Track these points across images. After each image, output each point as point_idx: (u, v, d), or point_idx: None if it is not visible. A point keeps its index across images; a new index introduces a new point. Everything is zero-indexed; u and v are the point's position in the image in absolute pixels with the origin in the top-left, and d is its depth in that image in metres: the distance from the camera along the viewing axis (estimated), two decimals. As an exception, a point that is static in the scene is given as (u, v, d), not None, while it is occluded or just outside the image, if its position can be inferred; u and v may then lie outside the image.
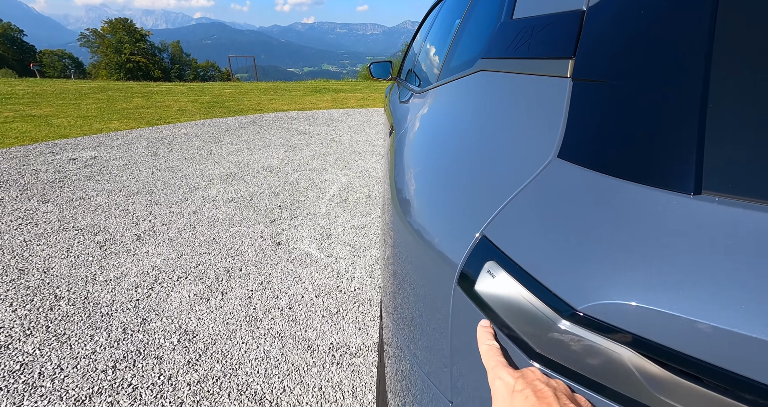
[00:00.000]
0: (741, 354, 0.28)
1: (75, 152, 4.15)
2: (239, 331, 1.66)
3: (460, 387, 0.49)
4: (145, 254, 2.24)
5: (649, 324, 0.33)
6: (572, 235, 0.39)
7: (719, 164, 0.34)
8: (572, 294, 0.36)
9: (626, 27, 0.45)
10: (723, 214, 0.33)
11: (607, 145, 0.42)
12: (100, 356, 1.49)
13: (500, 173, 0.53)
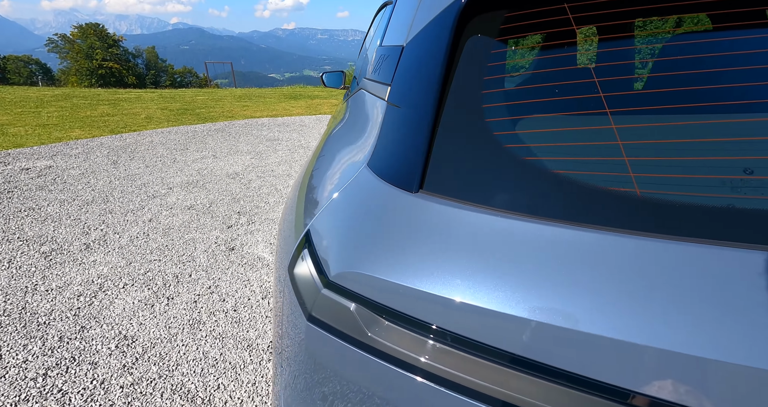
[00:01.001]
0: (425, 305, 0.39)
1: (29, 162, 4.04)
2: (181, 334, 1.69)
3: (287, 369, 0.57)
4: (92, 263, 2.23)
5: (373, 288, 0.43)
6: (347, 227, 0.50)
7: (433, 173, 0.46)
8: (332, 267, 0.46)
9: (409, 64, 0.57)
10: (431, 207, 0.44)
11: (382, 156, 0.53)
12: (32, 364, 1.49)
13: (337, 176, 0.63)
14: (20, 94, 8.76)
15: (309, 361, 0.49)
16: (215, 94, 11.14)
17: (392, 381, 0.42)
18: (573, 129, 0.45)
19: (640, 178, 0.38)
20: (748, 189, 0.36)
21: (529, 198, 0.41)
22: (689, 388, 0.30)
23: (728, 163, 0.37)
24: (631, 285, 0.34)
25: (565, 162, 0.42)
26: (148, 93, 10.71)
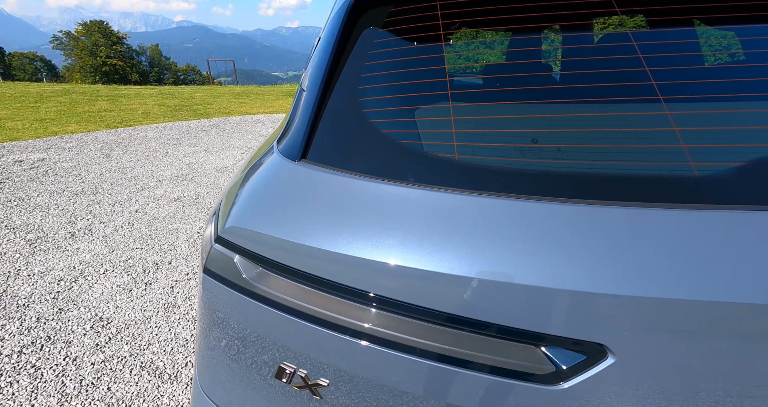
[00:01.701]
0: (297, 256, 0.45)
1: (22, 154, 4.12)
2: (155, 317, 1.75)
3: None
4: (75, 250, 2.29)
5: (254, 241, 0.49)
6: (240, 193, 0.55)
7: (314, 145, 0.51)
8: (222, 225, 0.52)
9: (316, 54, 0.62)
10: (314, 174, 0.50)
11: (285, 134, 0.59)
12: (8, 342, 1.55)
13: (254, 158, 0.69)
14: (21, 90, 8.87)
15: (205, 308, 0.55)
16: (214, 91, 11.22)
17: (273, 323, 0.47)
18: (425, 108, 0.51)
19: (461, 147, 0.44)
20: (534, 152, 0.43)
21: (387, 166, 0.47)
22: (585, 320, 0.35)
23: (521, 134, 0.44)
24: (451, 230, 0.40)
25: (418, 135, 0.48)
26: (147, 89, 10.81)
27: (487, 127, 0.48)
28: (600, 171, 0.41)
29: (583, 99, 0.48)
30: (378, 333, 0.41)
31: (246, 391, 0.55)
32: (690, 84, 0.46)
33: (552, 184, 0.41)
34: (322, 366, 0.45)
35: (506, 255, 0.38)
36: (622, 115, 0.45)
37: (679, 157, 0.40)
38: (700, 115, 0.43)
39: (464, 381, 0.40)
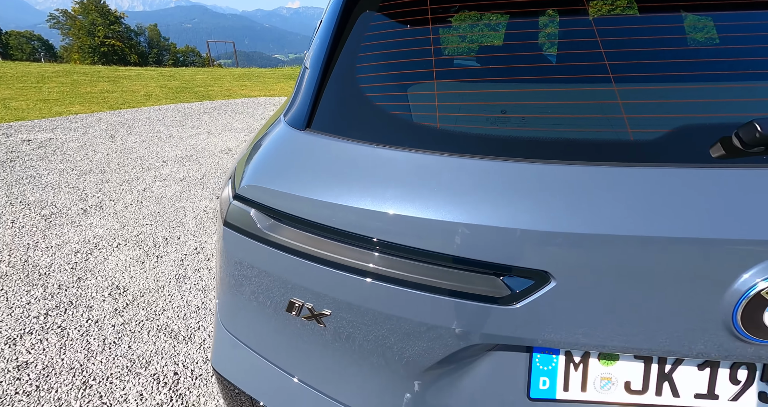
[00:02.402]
0: (304, 207, 0.54)
1: (30, 134, 4.19)
2: (168, 287, 1.87)
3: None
4: (89, 225, 2.40)
5: (266, 196, 0.58)
6: (253, 158, 0.64)
7: (322, 109, 0.60)
8: (239, 184, 0.61)
9: (319, 35, 0.69)
10: (329, 146, 0.58)
11: (291, 108, 0.67)
12: (34, 306, 1.68)
13: (266, 128, 0.77)
14: (22, 70, 8.82)
15: (224, 256, 0.64)
16: (215, 73, 11.11)
17: (284, 265, 0.57)
18: (413, 84, 0.59)
19: (442, 117, 0.53)
20: (502, 121, 0.51)
21: (380, 133, 0.55)
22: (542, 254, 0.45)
23: (493, 106, 0.53)
24: (444, 189, 0.48)
25: (408, 107, 0.56)
26: (148, 71, 10.71)
27: (464, 101, 0.56)
28: (554, 136, 0.50)
29: (545, 76, 0.56)
30: (371, 269, 0.51)
31: (261, 324, 0.65)
32: (635, 66, 0.53)
33: (515, 147, 0.49)
34: (325, 298, 0.55)
35: (475, 204, 0.47)
36: (578, 90, 0.53)
37: (621, 123, 0.49)
38: (640, 91, 0.51)
39: (441, 305, 0.49)
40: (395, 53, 0.59)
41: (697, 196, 0.44)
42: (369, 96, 0.59)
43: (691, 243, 0.42)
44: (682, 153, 0.47)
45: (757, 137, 0.42)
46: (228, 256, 0.64)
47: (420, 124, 0.55)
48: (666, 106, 0.51)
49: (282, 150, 0.61)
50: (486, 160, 0.49)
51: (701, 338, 0.45)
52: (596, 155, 0.47)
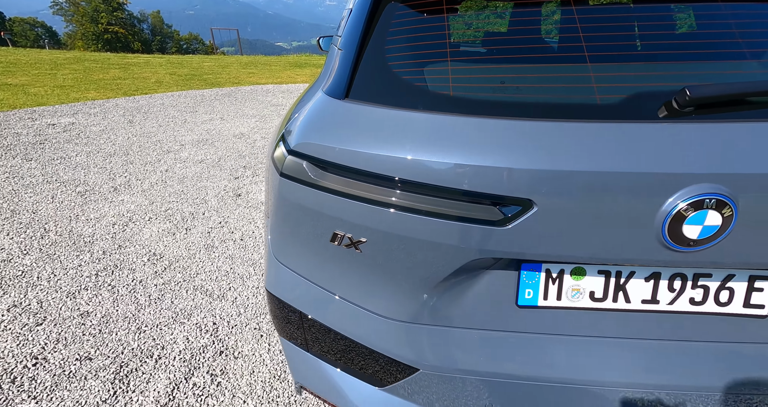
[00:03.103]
0: (348, 155, 0.71)
1: (53, 118, 4.38)
2: (198, 254, 2.08)
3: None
4: (120, 201, 2.60)
5: (316, 150, 0.74)
6: (301, 121, 0.81)
7: (358, 81, 0.76)
8: (292, 142, 0.78)
9: (349, 22, 0.85)
10: (363, 111, 0.74)
11: (330, 83, 0.83)
12: (85, 268, 1.89)
13: (306, 98, 0.93)
14: (34, 57, 8.96)
15: (280, 201, 0.82)
16: (222, 60, 11.16)
17: (330, 204, 0.74)
18: (431, 61, 0.75)
19: (454, 87, 0.69)
20: (502, 89, 0.67)
21: (405, 100, 0.71)
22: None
23: (494, 79, 0.69)
24: (461, 141, 0.65)
25: (425, 80, 0.73)
26: (156, 58, 10.79)
27: (471, 74, 0.72)
28: (539, 101, 0.66)
29: (534, 55, 0.72)
30: (399, 203, 0.68)
31: (308, 254, 0.83)
32: (603, 47, 0.69)
33: (508, 109, 0.65)
34: (363, 228, 0.72)
35: (477, 150, 0.63)
36: (559, 66, 0.69)
37: (591, 91, 0.65)
38: (606, 67, 0.67)
39: (452, 228, 0.66)
40: (416, 37, 0.75)
41: (644, 143, 0.60)
42: (396, 72, 0.75)
43: (636, 176, 0.59)
44: (635, 112, 0.63)
45: (687, 100, 0.58)
46: (283, 201, 0.81)
47: (436, 93, 0.71)
48: (625, 78, 0.67)
49: (325, 115, 0.78)
50: (486, 118, 0.65)
51: (643, 248, 0.62)
52: (570, 114, 0.63)
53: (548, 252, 0.65)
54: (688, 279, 0.69)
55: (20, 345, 1.44)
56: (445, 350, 0.77)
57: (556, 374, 0.74)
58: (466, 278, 0.73)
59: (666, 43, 0.72)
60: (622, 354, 0.73)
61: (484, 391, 0.77)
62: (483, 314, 0.75)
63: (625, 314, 0.72)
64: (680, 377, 0.72)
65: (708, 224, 0.58)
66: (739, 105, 0.61)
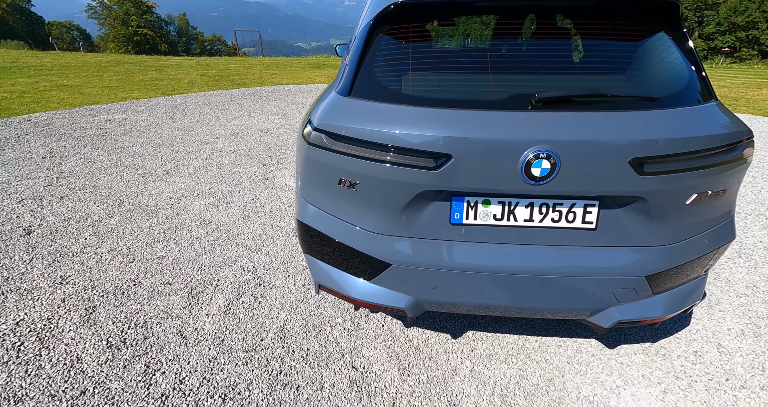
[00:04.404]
0: (359, 131, 1.22)
1: (108, 115, 5.08)
2: (237, 221, 2.62)
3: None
4: (173, 181, 3.20)
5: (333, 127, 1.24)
6: (321, 110, 1.31)
7: (358, 84, 1.25)
8: (316, 123, 1.28)
9: (354, 42, 1.33)
10: (360, 104, 1.24)
11: (339, 85, 1.32)
12: (154, 229, 2.47)
13: (323, 97, 1.42)
14: (81, 60, 9.92)
15: (306, 161, 1.31)
16: (246, 62, 11.90)
17: (339, 161, 1.23)
18: (410, 75, 1.23)
19: (415, 90, 1.17)
20: (440, 92, 1.15)
21: (388, 97, 1.19)
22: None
23: (435, 83, 1.16)
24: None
25: (409, 86, 1.21)
26: (186, 60, 11.63)
27: (424, 81, 1.20)
28: (460, 97, 1.13)
29: (456, 70, 1.20)
30: (380, 158, 1.15)
31: (323, 193, 1.31)
32: (498, 63, 1.16)
33: (442, 103, 1.12)
34: (357, 175, 1.20)
35: (425, 127, 1.09)
36: (472, 76, 1.15)
37: (488, 91, 1.12)
38: (500, 77, 1.15)
39: (409, 172, 1.12)
40: (393, 57, 1.22)
41: (514, 122, 1.06)
42: (380, 79, 1.22)
43: (508, 140, 1.05)
44: (511, 105, 1.09)
45: (539, 99, 1.04)
46: (309, 161, 1.30)
47: (402, 93, 1.18)
48: (508, 85, 1.13)
49: (337, 106, 1.26)
50: (429, 108, 1.12)
51: (514, 183, 1.08)
52: (476, 106, 1.10)
53: (462, 186, 1.12)
54: (549, 206, 1.15)
55: (121, 273, 2.01)
56: (407, 251, 1.25)
57: (475, 264, 1.21)
58: (419, 206, 1.20)
59: (532, 64, 1.18)
60: (514, 252, 1.19)
61: (433, 276, 1.24)
62: (430, 228, 1.22)
63: (515, 228, 1.18)
64: (546, 265, 1.18)
65: (544, 167, 1.04)
66: (564, 103, 1.07)
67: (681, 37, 1.18)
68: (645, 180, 1.06)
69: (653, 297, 1.24)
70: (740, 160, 1.13)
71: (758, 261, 2.18)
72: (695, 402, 1.33)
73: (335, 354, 1.58)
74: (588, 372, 1.47)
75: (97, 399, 1.33)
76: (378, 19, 1.24)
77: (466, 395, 1.40)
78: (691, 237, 1.19)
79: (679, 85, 1.14)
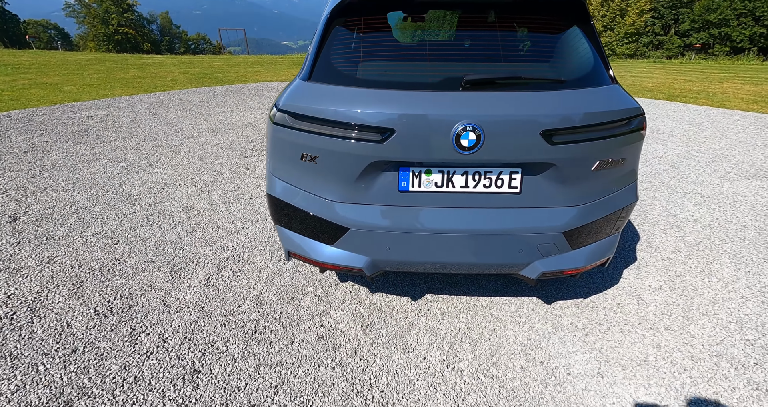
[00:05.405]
0: (312, 109, 1.40)
1: (90, 111, 5.12)
2: (219, 208, 2.76)
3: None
4: (155, 173, 3.31)
5: (293, 107, 1.42)
6: (285, 93, 1.48)
7: (316, 70, 1.43)
8: (279, 104, 1.45)
9: (316, 35, 1.51)
10: (318, 87, 1.41)
11: (301, 71, 1.49)
12: (138, 215, 2.59)
13: (292, 82, 1.59)
14: (60, 58, 9.78)
15: (273, 139, 1.47)
16: (230, 60, 11.90)
17: (300, 138, 1.40)
18: (364, 62, 1.41)
19: (365, 73, 1.35)
20: (385, 76, 1.34)
21: (341, 80, 1.37)
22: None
23: (385, 68, 1.35)
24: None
25: (357, 71, 1.39)
26: (169, 59, 11.56)
27: (377, 67, 1.38)
28: (404, 80, 1.31)
29: (398, 57, 1.38)
30: (335, 133, 1.32)
31: (289, 168, 1.48)
32: (436, 53, 1.35)
33: (387, 85, 1.30)
34: (316, 149, 1.37)
35: (373, 105, 1.27)
36: (412, 63, 1.34)
37: (427, 76, 1.31)
38: (439, 64, 1.34)
39: (360, 145, 1.29)
40: (346, 47, 1.40)
41: (447, 101, 1.25)
42: (335, 65, 1.40)
43: (442, 115, 1.23)
44: (445, 87, 1.28)
45: (466, 81, 1.24)
46: (275, 139, 1.47)
47: (352, 76, 1.36)
48: (443, 70, 1.32)
49: (298, 89, 1.43)
50: (375, 90, 1.30)
51: (447, 154, 1.27)
52: (416, 87, 1.28)
53: (405, 157, 1.31)
54: (481, 173, 1.34)
55: (106, 254, 2.14)
56: (363, 216, 1.43)
57: (421, 227, 1.39)
58: (372, 176, 1.38)
59: (463, 52, 1.37)
60: (454, 215, 1.39)
61: (385, 238, 1.43)
62: (381, 196, 1.41)
63: (453, 194, 1.38)
64: (481, 226, 1.37)
65: (471, 139, 1.23)
66: (488, 84, 1.26)
67: (590, 31, 1.39)
68: (554, 149, 1.26)
69: (572, 252, 1.45)
70: (633, 133, 1.34)
71: (686, 232, 2.43)
72: (610, 341, 1.56)
73: (306, 316, 1.75)
74: (526, 323, 1.69)
75: (87, 355, 1.48)
76: (334, 12, 1.42)
77: (419, 344, 1.60)
78: (599, 198, 1.41)
79: (585, 71, 1.35)
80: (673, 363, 1.47)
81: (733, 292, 1.87)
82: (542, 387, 1.39)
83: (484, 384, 1.42)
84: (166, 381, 1.38)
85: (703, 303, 1.79)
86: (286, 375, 1.45)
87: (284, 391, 1.39)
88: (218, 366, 1.47)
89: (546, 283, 1.93)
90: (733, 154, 4.11)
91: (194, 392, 1.35)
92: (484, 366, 1.49)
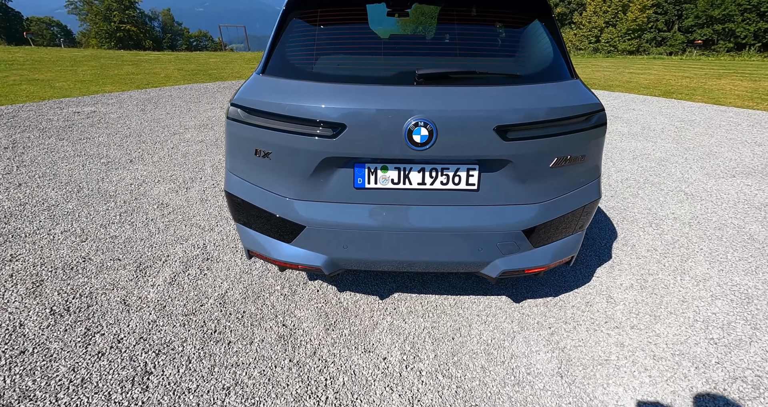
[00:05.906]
0: (267, 105, 1.35)
1: (78, 107, 5.09)
2: (195, 205, 2.73)
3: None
4: (136, 169, 3.27)
5: (246, 102, 1.37)
6: (240, 88, 1.43)
7: (271, 64, 1.38)
8: (234, 99, 1.40)
9: (273, 29, 1.46)
10: (271, 81, 1.36)
11: (259, 66, 1.44)
12: (111, 212, 2.56)
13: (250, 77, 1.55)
14: (55, 55, 9.76)
15: (229, 136, 1.43)
16: (227, 56, 11.84)
17: (255, 133, 1.35)
18: (322, 57, 1.36)
19: (322, 67, 1.31)
20: (338, 70, 1.29)
21: (295, 74, 1.32)
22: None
23: (340, 62, 1.30)
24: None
25: (313, 65, 1.34)
26: (166, 55, 11.52)
27: (326, 61, 1.32)
28: (355, 74, 1.26)
29: (353, 51, 1.33)
30: (289, 128, 1.27)
31: (245, 164, 1.44)
32: (396, 48, 1.29)
33: (341, 79, 1.25)
34: (270, 145, 1.33)
35: (327, 100, 1.22)
36: (367, 57, 1.29)
37: (383, 70, 1.25)
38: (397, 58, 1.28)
39: (313, 140, 1.24)
40: (304, 39, 1.35)
41: (400, 95, 1.20)
42: (288, 58, 1.35)
43: (395, 110, 1.18)
44: (399, 81, 1.23)
45: (419, 75, 1.19)
46: (230, 135, 1.43)
47: (306, 70, 1.31)
48: (397, 64, 1.27)
49: (252, 84, 1.38)
50: (327, 84, 1.25)
51: (400, 150, 1.22)
52: (369, 81, 1.23)
53: (358, 153, 1.26)
54: (438, 170, 1.29)
55: (72, 251, 2.11)
56: (319, 214, 1.38)
57: (378, 224, 1.35)
58: (327, 172, 1.34)
59: (419, 46, 1.32)
60: (412, 212, 1.34)
61: (342, 236, 1.38)
62: (337, 193, 1.36)
63: (411, 191, 1.33)
64: (439, 223, 1.33)
65: (423, 134, 1.18)
66: (442, 79, 1.21)
67: (551, 25, 1.34)
68: (509, 145, 1.21)
69: (533, 250, 1.40)
70: (594, 129, 1.29)
71: (665, 230, 2.38)
72: (574, 340, 1.51)
73: (269, 315, 1.72)
74: (492, 322, 1.64)
75: (35, 357, 1.45)
76: (290, 4, 1.37)
77: (381, 343, 1.56)
78: (560, 196, 1.36)
79: (543, 65, 1.30)
80: (634, 362, 1.43)
81: (704, 291, 1.82)
82: (500, 387, 1.35)
83: (442, 384, 1.38)
84: (114, 384, 1.35)
85: (672, 301, 1.74)
86: (240, 376, 1.41)
87: (236, 393, 1.35)
88: (171, 367, 1.43)
89: (516, 282, 1.88)
90: (721, 151, 4.03)
91: (142, 394, 1.32)
92: (444, 365, 1.45)
